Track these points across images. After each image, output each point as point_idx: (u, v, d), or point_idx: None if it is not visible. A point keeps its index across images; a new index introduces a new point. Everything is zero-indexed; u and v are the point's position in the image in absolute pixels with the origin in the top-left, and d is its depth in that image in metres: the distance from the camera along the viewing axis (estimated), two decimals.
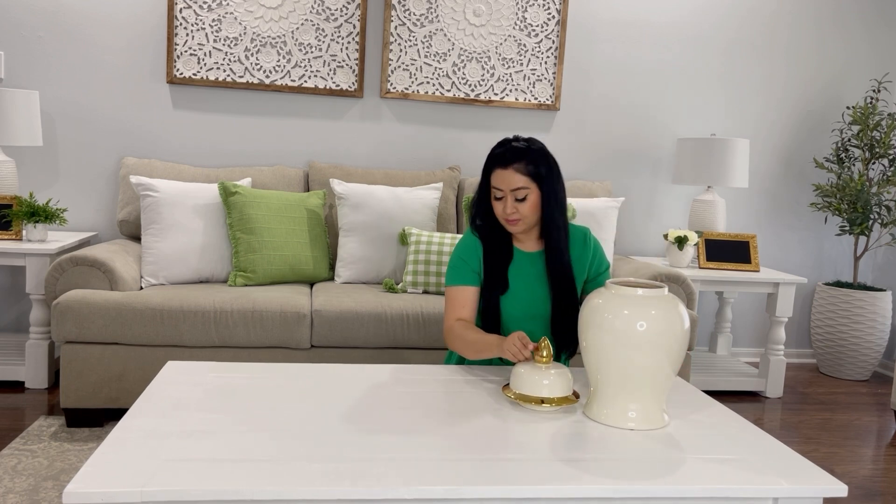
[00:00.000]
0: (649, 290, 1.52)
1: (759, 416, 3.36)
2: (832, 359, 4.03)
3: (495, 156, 1.90)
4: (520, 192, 1.86)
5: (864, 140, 3.95)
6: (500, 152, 1.89)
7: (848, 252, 4.34)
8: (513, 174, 1.85)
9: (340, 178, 3.43)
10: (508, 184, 1.86)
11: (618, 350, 1.48)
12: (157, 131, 3.61)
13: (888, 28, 4.21)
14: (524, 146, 1.88)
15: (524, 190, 1.86)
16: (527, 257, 1.97)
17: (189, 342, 2.72)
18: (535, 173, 1.86)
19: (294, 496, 1.18)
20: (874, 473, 2.76)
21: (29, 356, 3.12)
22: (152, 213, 3.05)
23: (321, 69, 3.67)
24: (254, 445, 1.33)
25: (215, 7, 3.54)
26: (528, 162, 1.86)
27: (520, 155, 1.86)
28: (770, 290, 3.59)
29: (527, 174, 1.86)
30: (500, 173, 1.87)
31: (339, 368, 1.86)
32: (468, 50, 3.78)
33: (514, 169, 1.86)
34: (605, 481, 1.27)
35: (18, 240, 3.19)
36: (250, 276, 3.05)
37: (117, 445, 1.30)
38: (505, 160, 1.87)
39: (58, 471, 2.35)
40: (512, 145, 1.89)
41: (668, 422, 1.56)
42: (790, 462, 1.39)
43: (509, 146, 1.89)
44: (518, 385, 1.62)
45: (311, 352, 2.82)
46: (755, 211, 4.22)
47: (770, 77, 4.14)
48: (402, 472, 1.26)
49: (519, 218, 1.88)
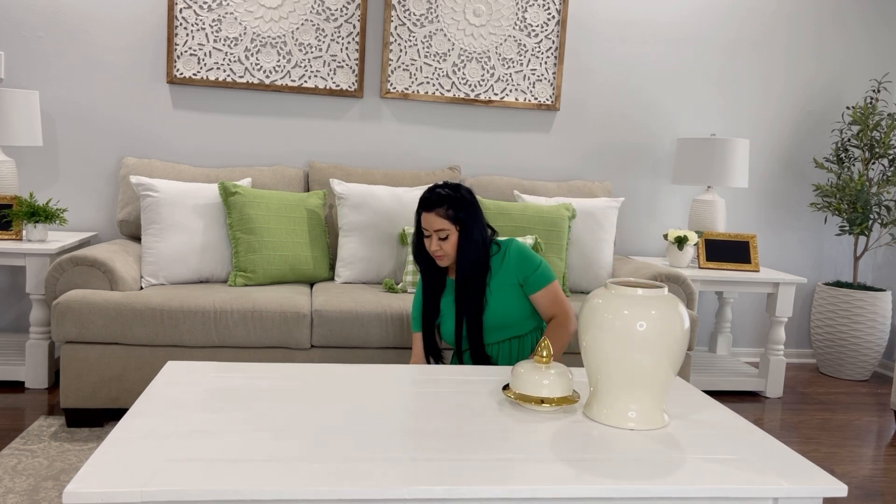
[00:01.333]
0: (649, 290, 1.52)
1: (759, 416, 3.36)
2: (832, 359, 4.03)
3: (423, 200, 2.19)
4: (441, 233, 2.16)
5: (864, 140, 3.95)
6: (426, 197, 2.19)
7: (848, 252, 4.34)
8: (435, 217, 2.16)
9: (340, 178, 3.43)
10: (431, 225, 2.16)
11: (618, 350, 1.48)
12: (157, 131, 3.61)
13: (888, 28, 4.21)
14: (447, 193, 2.17)
15: (445, 231, 2.16)
16: (451, 284, 2.28)
17: (189, 342, 2.72)
18: (454, 217, 2.16)
19: (294, 496, 1.18)
20: (874, 473, 2.77)
21: (29, 356, 3.12)
22: (152, 213, 3.05)
23: (321, 69, 3.67)
24: (254, 445, 1.33)
25: (215, 7, 3.54)
26: (449, 207, 2.16)
27: (442, 201, 2.16)
28: (770, 290, 3.60)
29: (446, 217, 2.15)
30: (426, 216, 2.18)
31: (339, 368, 1.87)
32: (468, 50, 3.78)
33: (436, 213, 2.16)
34: (605, 481, 1.27)
35: (18, 240, 3.19)
36: (250, 276, 3.05)
37: (117, 445, 1.30)
38: (429, 204, 2.17)
39: (58, 471, 2.35)
40: (437, 192, 2.17)
41: (668, 422, 1.57)
42: (790, 462, 1.39)
43: (435, 192, 2.18)
44: (518, 385, 1.62)
45: (311, 352, 2.82)
46: (755, 211, 4.22)
47: (770, 77, 4.14)
48: (402, 472, 1.26)
49: (442, 255, 2.18)
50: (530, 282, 2.23)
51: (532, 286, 2.23)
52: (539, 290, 2.23)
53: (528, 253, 2.25)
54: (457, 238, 2.18)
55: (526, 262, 2.24)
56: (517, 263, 2.23)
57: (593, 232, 3.39)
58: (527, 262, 2.24)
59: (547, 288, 2.23)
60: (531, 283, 2.23)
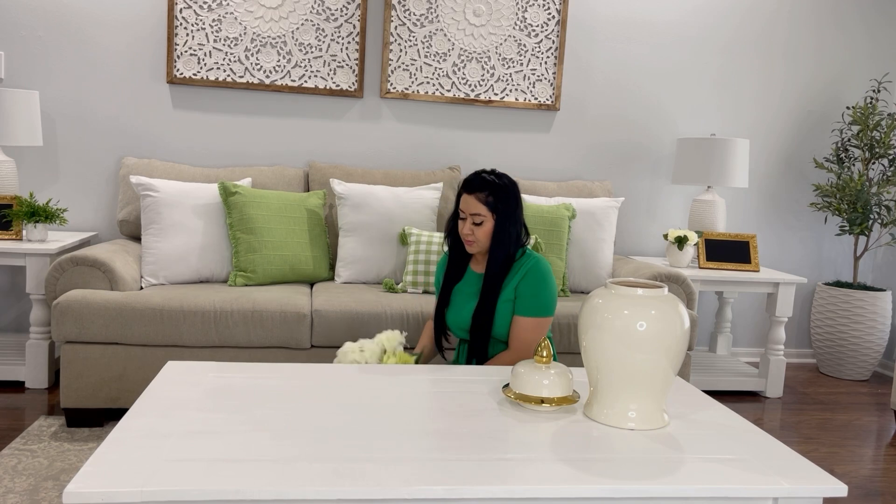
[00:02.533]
0: (649, 290, 1.52)
1: (759, 416, 3.36)
2: (832, 359, 4.03)
3: (466, 181, 2.13)
4: (477, 218, 2.09)
5: (864, 140, 3.95)
6: (470, 179, 2.12)
7: (848, 252, 4.34)
8: (474, 201, 2.09)
9: (340, 178, 3.43)
10: (469, 208, 2.10)
11: (618, 350, 1.48)
12: (157, 131, 3.61)
13: (888, 28, 4.21)
14: (491, 180, 2.11)
15: (481, 217, 2.09)
16: (474, 277, 2.20)
17: (189, 342, 2.72)
18: (493, 206, 2.09)
19: (294, 496, 1.18)
20: (874, 473, 2.77)
21: (29, 356, 3.12)
22: (152, 213, 3.05)
23: (321, 69, 3.67)
24: (254, 445, 1.33)
25: (215, 7, 3.54)
26: (491, 194, 2.09)
27: (485, 186, 2.09)
28: (770, 290, 3.60)
29: (485, 204, 2.08)
30: (466, 198, 2.11)
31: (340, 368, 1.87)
32: (468, 50, 3.78)
33: (477, 197, 2.09)
34: (605, 481, 1.27)
35: (18, 240, 3.19)
36: (250, 276, 3.05)
37: (117, 445, 1.30)
38: (472, 187, 2.11)
39: (58, 471, 2.35)
40: (482, 176, 2.11)
41: (668, 422, 1.57)
42: (790, 462, 1.39)
43: (480, 176, 2.12)
44: (518, 385, 1.62)
45: (311, 352, 2.82)
46: (755, 211, 4.22)
47: (770, 77, 4.14)
48: (402, 472, 1.26)
49: (473, 240, 2.11)
50: (528, 303, 2.10)
51: (527, 308, 2.10)
52: (529, 316, 2.09)
53: (548, 277, 2.12)
54: (492, 227, 2.09)
55: (540, 283, 2.11)
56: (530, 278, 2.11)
57: (593, 232, 3.39)
58: (541, 283, 2.11)
59: (537, 320, 2.09)
60: (528, 304, 2.10)
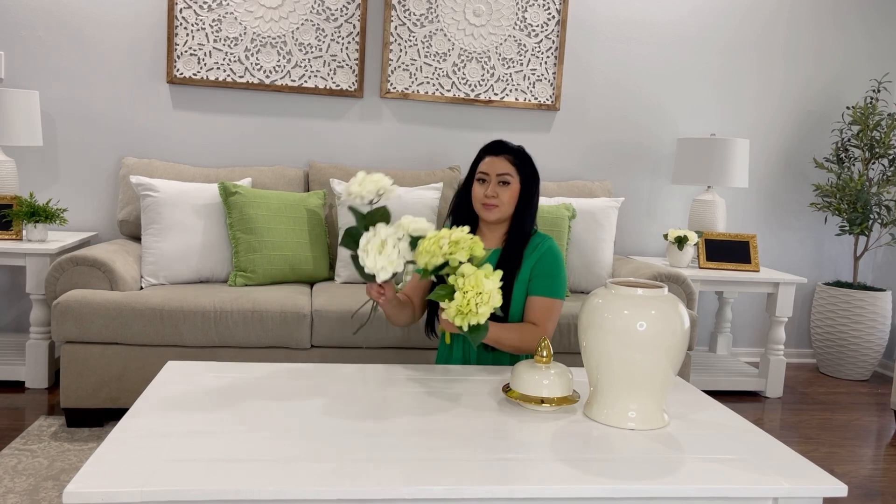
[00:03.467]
0: (649, 290, 1.52)
1: (759, 416, 3.36)
2: (832, 359, 4.03)
3: (488, 147, 2.07)
4: (505, 177, 2.00)
5: (864, 140, 3.95)
6: (493, 143, 2.07)
7: (848, 252, 4.34)
8: (502, 160, 2.02)
9: (340, 178, 3.43)
10: (495, 168, 2.01)
11: (618, 350, 1.48)
12: (157, 131, 3.61)
13: (888, 28, 4.21)
14: (518, 147, 2.07)
15: (508, 176, 2.00)
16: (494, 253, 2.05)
17: (189, 342, 2.72)
18: (520, 168, 2.03)
19: (294, 496, 1.18)
20: (874, 473, 2.76)
21: (29, 356, 3.12)
22: (152, 213, 3.05)
23: (321, 69, 3.67)
24: (254, 445, 1.33)
25: (215, 7, 3.54)
26: (517, 158, 2.04)
27: (512, 150, 2.05)
28: (770, 290, 3.59)
29: (513, 165, 2.02)
30: (490, 160, 2.03)
31: (339, 368, 1.87)
32: (468, 50, 3.78)
33: (505, 157, 2.02)
34: (605, 481, 1.26)
35: (18, 240, 3.19)
36: (250, 276, 3.05)
37: (117, 445, 1.30)
38: (497, 150, 2.04)
39: (58, 471, 2.35)
40: (505, 141, 2.07)
41: (668, 422, 1.57)
42: (790, 462, 1.39)
43: (502, 141, 2.07)
44: (518, 385, 1.62)
45: (311, 352, 2.82)
46: (755, 211, 4.22)
47: (770, 77, 4.14)
48: (402, 472, 1.26)
49: (497, 204, 2.00)
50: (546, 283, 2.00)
51: (544, 288, 2.00)
52: (547, 296, 1.99)
53: (561, 259, 2.05)
54: (518, 191, 2.00)
55: (555, 264, 2.03)
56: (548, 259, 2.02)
57: (593, 232, 3.39)
58: (559, 264, 2.03)
59: (554, 301, 2.00)
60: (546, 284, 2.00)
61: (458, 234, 1.64)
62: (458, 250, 1.63)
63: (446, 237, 1.64)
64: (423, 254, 1.65)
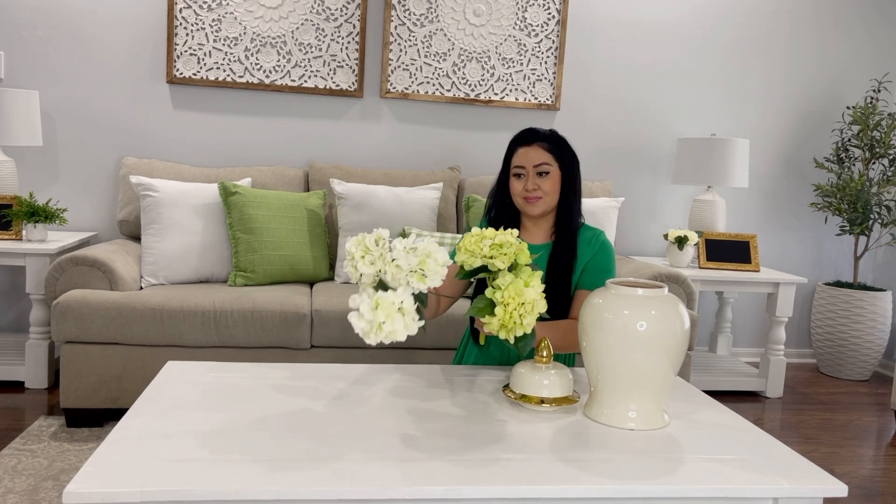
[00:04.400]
0: (649, 290, 1.52)
1: (759, 416, 3.36)
2: (832, 359, 4.02)
3: (519, 137, 1.94)
4: (544, 167, 1.87)
5: (864, 140, 3.95)
6: (524, 133, 1.94)
7: (848, 252, 4.34)
8: (536, 149, 1.89)
9: (340, 178, 3.43)
10: (531, 160, 1.88)
11: (618, 350, 1.48)
12: (157, 131, 3.61)
13: (888, 28, 4.21)
14: (551, 132, 1.94)
15: (546, 165, 1.88)
16: (531, 250, 1.91)
17: (189, 342, 2.72)
18: (557, 154, 1.90)
19: (294, 496, 1.18)
20: (874, 473, 2.76)
21: (29, 356, 3.12)
22: (152, 213, 3.05)
23: (321, 69, 3.67)
24: (254, 445, 1.33)
25: (215, 7, 3.54)
26: (552, 143, 1.91)
27: (544, 136, 1.92)
28: (770, 290, 3.59)
29: (549, 152, 1.89)
30: (524, 151, 1.90)
31: (339, 368, 1.86)
32: (468, 50, 3.78)
33: (538, 146, 1.90)
34: (605, 481, 1.26)
35: (18, 240, 3.19)
36: (250, 276, 3.05)
37: (117, 445, 1.30)
38: (529, 139, 1.91)
39: (58, 471, 2.35)
40: (536, 129, 1.94)
41: (668, 422, 1.56)
42: (790, 462, 1.39)
43: (533, 129, 1.94)
44: (518, 385, 1.62)
45: (311, 352, 2.82)
46: (755, 211, 4.22)
47: (770, 77, 4.14)
48: (402, 472, 1.25)
49: (540, 196, 1.88)
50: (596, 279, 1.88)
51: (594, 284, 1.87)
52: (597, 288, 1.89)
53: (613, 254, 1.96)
54: (558, 178, 1.88)
55: (610, 259, 1.93)
56: (604, 254, 1.92)
57: None
58: (611, 260, 1.93)
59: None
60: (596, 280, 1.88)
61: (504, 237, 1.50)
62: (500, 255, 1.48)
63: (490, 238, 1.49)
64: (464, 251, 1.52)
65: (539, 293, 1.47)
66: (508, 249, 1.48)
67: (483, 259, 1.49)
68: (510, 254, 1.48)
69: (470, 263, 1.51)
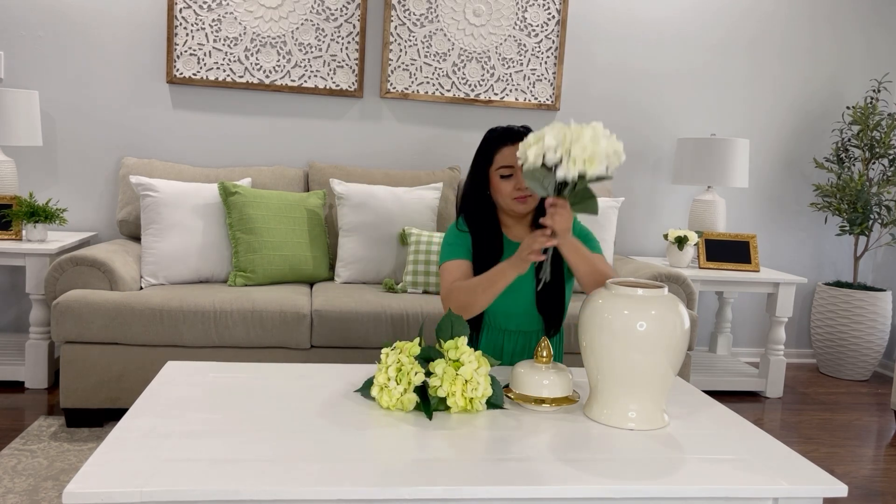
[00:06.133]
0: (649, 290, 1.52)
1: (759, 416, 3.36)
2: (832, 359, 4.02)
3: (501, 135, 1.89)
4: None
5: (864, 140, 3.95)
6: (504, 130, 1.89)
7: (848, 252, 4.34)
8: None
9: (340, 178, 3.43)
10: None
11: (618, 350, 1.48)
12: (157, 131, 3.61)
13: (888, 28, 4.21)
14: (525, 128, 1.90)
15: None
16: (515, 246, 1.92)
17: (189, 342, 2.72)
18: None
19: (294, 496, 1.18)
20: (874, 473, 2.76)
21: (29, 356, 3.12)
22: (152, 213, 3.05)
23: (321, 69, 3.67)
24: (254, 445, 1.33)
25: (215, 7, 3.54)
26: None
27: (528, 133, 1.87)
28: (770, 290, 3.59)
29: None
30: (510, 150, 1.86)
31: (339, 368, 1.86)
32: (468, 50, 3.78)
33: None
34: (605, 481, 1.26)
35: (18, 240, 3.19)
36: (250, 276, 3.05)
37: (117, 445, 1.30)
38: (514, 136, 1.87)
39: (58, 471, 2.35)
40: (515, 128, 1.90)
41: (668, 422, 1.56)
42: (790, 462, 1.39)
43: (514, 129, 1.89)
44: (518, 385, 1.62)
45: (311, 352, 2.82)
46: (755, 211, 4.22)
47: (770, 77, 4.14)
48: (402, 472, 1.26)
49: (530, 194, 1.87)
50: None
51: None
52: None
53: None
54: None
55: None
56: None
57: (593, 232, 3.38)
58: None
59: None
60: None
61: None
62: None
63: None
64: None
65: (474, 369, 1.52)
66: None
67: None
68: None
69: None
